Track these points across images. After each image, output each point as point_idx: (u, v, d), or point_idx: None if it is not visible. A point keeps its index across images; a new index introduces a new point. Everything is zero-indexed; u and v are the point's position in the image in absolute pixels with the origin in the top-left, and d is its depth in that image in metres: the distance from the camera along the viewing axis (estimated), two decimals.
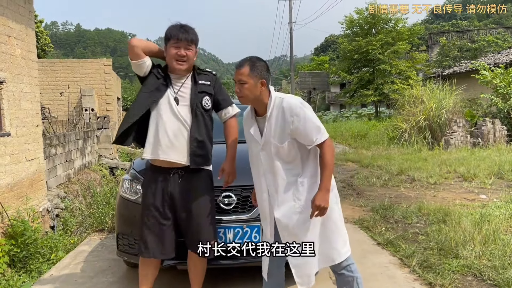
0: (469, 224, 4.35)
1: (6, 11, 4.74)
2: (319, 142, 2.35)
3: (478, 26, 45.81)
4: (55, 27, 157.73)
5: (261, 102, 2.41)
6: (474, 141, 12.22)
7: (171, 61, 2.65)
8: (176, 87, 2.73)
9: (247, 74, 2.35)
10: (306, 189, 2.39)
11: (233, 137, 2.84)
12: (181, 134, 2.67)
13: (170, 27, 2.66)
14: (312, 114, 2.36)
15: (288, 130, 2.34)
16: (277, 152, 2.39)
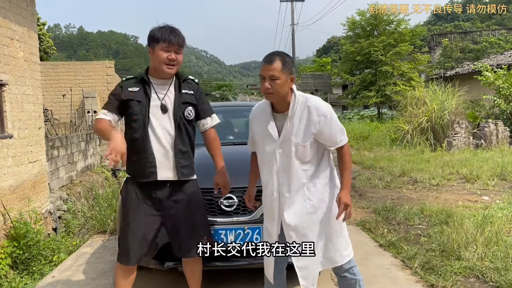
0: (471, 226, 4.33)
1: (8, 13, 4.76)
2: (343, 144, 2.38)
3: (481, 27, 45.72)
4: (58, 30, 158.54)
5: (285, 99, 2.35)
6: (476, 143, 12.18)
7: (160, 65, 2.54)
8: (161, 94, 2.62)
9: (280, 69, 2.25)
10: (318, 189, 2.38)
11: (219, 148, 2.80)
12: (168, 147, 2.59)
13: (159, 29, 2.55)
14: (335, 116, 2.38)
15: (313, 130, 2.31)
16: (297, 152, 2.34)
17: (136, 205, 2.60)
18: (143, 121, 2.55)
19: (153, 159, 2.55)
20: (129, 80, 2.67)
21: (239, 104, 8.87)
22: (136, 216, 2.58)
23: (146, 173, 2.56)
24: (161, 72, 2.58)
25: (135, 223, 2.57)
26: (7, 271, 4.16)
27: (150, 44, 2.57)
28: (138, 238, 2.56)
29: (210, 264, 3.02)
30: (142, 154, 2.55)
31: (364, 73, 28.08)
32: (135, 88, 2.60)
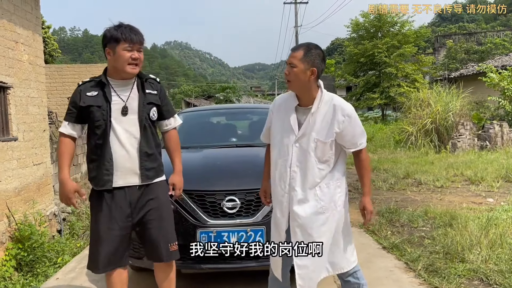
0: (475, 228, 4.31)
1: (13, 17, 4.80)
2: (362, 147, 2.38)
3: (485, 28, 45.57)
4: (63, 33, 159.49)
5: (307, 91, 2.33)
6: (481, 144, 12.13)
7: (123, 65, 2.44)
8: (124, 96, 2.51)
9: (300, 58, 2.27)
10: (330, 191, 2.37)
11: (178, 149, 2.74)
12: (133, 150, 2.50)
13: (117, 29, 2.43)
14: (359, 118, 2.39)
15: (336, 129, 2.30)
16: (316, 148, 2.32)
17: (105, 212, 2.48)
18: (104, 126, 2.45)
19: (111, 166, 2.45)
20: (87, 83, 2.55)
21: (242, 106, 8.89)
22: (104, 226, 2.47)
23: (102, 181, 2.46)
24: (124, 73, 2.48)
25: (104, 233, 2.47)
26: (11, 273, 4.19)
27: (109, 44, 2.45)
28: (106, 249, 2.47)
29: (217, 266, 3.02)
30: (100, 162, 2.47)
31: (368, 74, 28.02)
32: (93, 92, 2.49)
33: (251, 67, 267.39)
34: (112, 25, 2.47)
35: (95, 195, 2.53)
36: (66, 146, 2.52)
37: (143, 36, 2.50)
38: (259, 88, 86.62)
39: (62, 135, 2.54)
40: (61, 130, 2.54)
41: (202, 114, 5.28)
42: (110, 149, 2.45)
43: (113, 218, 2.47)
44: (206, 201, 3.07)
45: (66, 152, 2.51)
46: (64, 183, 2.45)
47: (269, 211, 3.03)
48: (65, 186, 2.45)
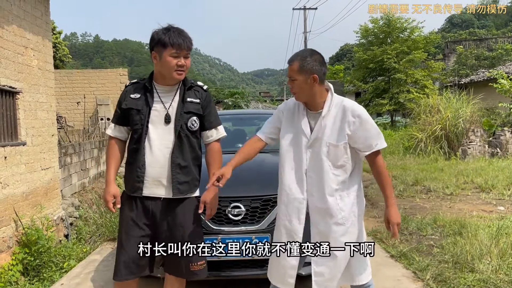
0: (486, 237, 4.23)
1: (23, 22, 4.85)
2: (379, 148, 2.29)
3: (496, 34, 45.19)
4: (75, 38, 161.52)
5: (315, 98, 2.29)
6: (492, 151, 11.97)
7: (170, 71, 2.36)
8: (167, 103, 2.43)
9: (297, 70, 2.23)
10: (351, 201, 2.31)
11: (218, 165, 2.52)
12: (164, 161, 2.41)
13: (165, 32, 2.34)
14: (372, 120, 2.31)
15: (347, 130, 2.26)
16: (329, 153, 2.27)
17: (130, 220, 2.43)
18: (141, 131, 2.40)
19: (142, 173, 2.39)
20: (135, 84, 2.53)
21: (250, 112, 8.88)
22: (125, 232, 2.43)
23: (133, 187, 2.43)
24: (170, 79, 2.41)
25: (124, 240, 2.43)
26: (18, 278, 4.20)
27: (155, 48, 2.37)
28: (125, 256, 2.41)
29: (218, 274, 2.99)
30: (133, 167, 2.43)
31: (377, 80, 27.91)
32: (137, 94, 2.45)
33: (260, 73, 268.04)
34: (160, 28, 2.37)
35: (125, 199, 2.51)
36: (112, 148, 2.54)
37: (191, 41, 2.40)
38: (268, 94, 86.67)
39: (109, 137, 2.56)
40: (107, 132, 2.57)
41: None
42: (143, 156, 2.39)
43: (135, 225, 2.42)
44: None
45: (111, 154, 2.53)
46: (107, 185, 2.48)
47: (274, 218, 3.00)
48: (106, 188, 2.48)
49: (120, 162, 2.57)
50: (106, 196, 2.46)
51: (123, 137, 2.56)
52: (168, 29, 2.35)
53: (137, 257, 2.40)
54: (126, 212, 2.46)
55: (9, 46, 4.53)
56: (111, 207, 2.46)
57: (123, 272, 2.41)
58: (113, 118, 2.56)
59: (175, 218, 2.43)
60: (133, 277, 2.44)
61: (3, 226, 4.31)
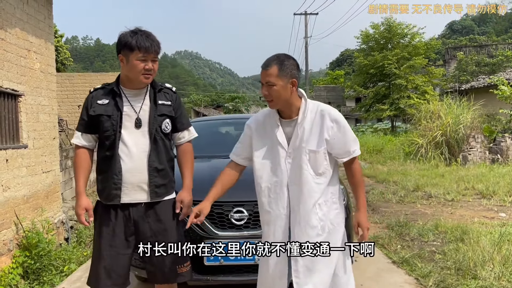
0: (488, 243, 4.22)
1: (26, 25, 4.86)
2: (356, 154, 2.20)
3: (497, 41, 45.32)
4: (76, 42, 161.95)
5: (291, 105, 2.17)
6: (493, 157, 11.97)
7: (137, 75, 2.29)
8: (137, 107, 2.37)
9: (276, 74, 2.09)
10: (329, 209, 2.20)
11: (191, 165, 2.53)
12: (142, 165, 2.34)
13: (133, 35, 2.26)
14: (348, 125, 2.24)
15: (326, 136, 2.15)
16: (310, 160, 2.15)
17: (108, 228, 2.35)
18: (113, 137, 2.32)
19: (119, 180, 2.31)
20: (99, 90, 2.41)
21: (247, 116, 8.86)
22: (106, 242, 2.34)
23: (110, 195, 2.33)
24: (137, 83, 2.34)
25: (105, 250, 2.34)
26: (18, 281, 4.18)
27: (122, 51, 2.29)
28: (107, 267, 2.33)
29: (219, 279, 2.99)
30: (108, 174, 2.33)
31: (377, 86, 27.99)
32: (104, 100, 2.35)
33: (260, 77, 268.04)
34: (128, 30, 2.31)
35: (101, 209, 2.40)
36: (79, 158, 2.40)
37: (159, 45, 2.33)
38: None
39: (76, 147, 2.43)
40: (73, 141, 2.43)
41: (210, 123, 5.27)
42: (119, 162, 2.31)
43: (116, 235, 2.34)
44: (213, 212, 3.04)
45: (80, 165, 2.40)
46: (78, 197, 2.37)
47: None
48: (77, 201, 2.37)
49: (89, 172, 2.46)
50: (77, 209, 2.35)
51: (91, 146, 2.44)
52: (135, 32, 2.28)
53: (119, 267, 2.34)
54: (104, 222, 2.36)
55: (12, 49, 4.54)
56: (83, 221, 2.34)
57: (106, 283, 2.32)
58: (78, 126, 2.43)
59: (157, 222, 2.39)
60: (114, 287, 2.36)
61: (4, 229, 4.30)
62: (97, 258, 2.37)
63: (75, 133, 2.43)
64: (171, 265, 2.40)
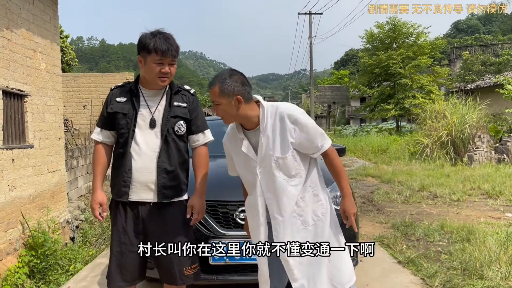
0: (494, 244, 4.19)
1: (32, 26, 4.88)
2: (326, 148, 2.18)
3: (502, 40, 45.05)
4: (81, 42, 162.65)
5: (245, 117, 2.16)
6: (499, 157, 11.90)
7: (154, 77, 2.31)
8: (153, 108, 2.39)
9: (218, 93, 2.10)
10: (308, 203, 2.19)
11: (204, 169, 2.51)
12: (152, 165, 2.36)
13: (151, 38, 2.26)
14: (311, 120, 2.18)
15: (290, 139, 2.13)
16: (279, 166, 2.15)
17: (119, 224, 2.39)
18: (127, 135, 2.36)
19: (129, 178, 2.34)
20: (119, 88, 2.47)
21: None
22: (117, 239, 2.39)
23: (119, 192, 2.37)
24: (153, 84, 2.37)
25: (115, 247, 2.39)
26: (24, 280, 4.20)
27: (141, 53, 2.31)
28: (117, 263, 2.38)
29: (224, 278, 2.99)
30: (119, 171, 2.37)
31: (382, 86, 27.89)
32: (122, 98, 2.40)
33: (264, 77, 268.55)
34: (148, 32, 2.31)
35: (113, 205, 2.45)
36: (97, 153, 2.45)
37: (177, 49, 2.33)
38: (273, 98, 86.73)
39: (95, 142, 2.48)
40: (92, 137, 2.48)
41: (216, 123, 5.27)
42: (130, 160, 2.34)
43: (126, 232, 2.38)
44: (218, 212, 3.05)
45: (97, 160, 2.45)
46: (93, 192, 2.45)
47: None
48: (92, 195, 2.43)
49: (106, 168, 2.49)
50: (92, 204, 2.42)
51: (110, 142, 2.46)
52: (154, 34, 2.27)
53: (129, 264, 2.38)
54: (116, 218, 2.42)
55: (18, 50, 4.56)
56: (98, 215, 2.40)
57: (116, 279, 2.38)
58: (98, 122, 2.48)
59: (165, 223, 2.39)
60: (127, 284, 2.41)
61: (10, 228, 4.32)
62: (110, 254, 2.43)
63: (95, 128, 2.48)
64: (178, 267, 2.39)
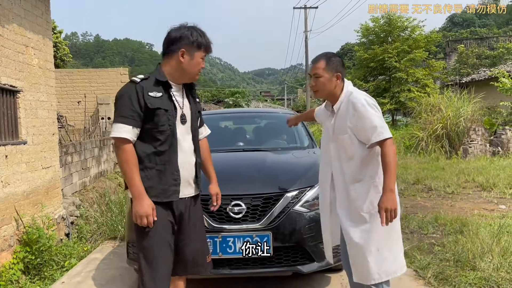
0: (487, 235, 4.23)
1: (23, 21, 4.85)
2: (375, 141, 2.34)
3: (497, 33, 45.12)
4: (75, 38, 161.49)
5: (335, 95, 2.52)
6: (493, 150, 11.96)
7: (196, 73, 2.34)
8: (180, 103, 2.36)
9: (323, 68, 2.46)
10: (365, 190, 2.42)
11: (211, 159, 2.68)
12: (192, 159, 2.40)
13: (202, 35, 2.31)
14: (372, 112, 2.37)
15: (348, 124, 2.42)
16: (341, 145, 2.47)
17: (161, 226, 2.26)
18: (171, 132, 2.26)
19: (178, 176, 2.29)
20: (145, 80, 2.27)
21: (249, 110, 8.87)
22: (160, 241, 2.25)
23: (168, 191, 2.26)
24: (189, 79, 2.37)
25: (161, 251, 2.26)
26: (19, 276, 4.20)
27: (187, 47, 2.27)
28: (166, 267, 2.28)
29: (220, 272, 3.00)
30: (165, 170, 2.26)
31: (378, 79, 27.88)
32: (156, 93, 2.24)
33: (260, 72, 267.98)
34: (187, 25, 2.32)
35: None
36: (132, 154, 2.19)
37: None
38: (269, 93, 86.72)
39: (125, 142, 2.18)
40: (121, 135, 2.17)
41: (209, 118, 5.26)
42: (177, 158, 2.29)
43: (168, 232, 2.30)
44: None
45: (134, 162, 2.19)
46: (142, 197, 2.17)
47: (275, 216, 3.01)
48: (144, 201, 2.18)
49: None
50: (147, 209, 2.17)
51: (134, 141, 2.27)
52: (203, 33, 2.34)
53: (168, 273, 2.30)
54: (156, 223, 2.24)
55: (9, 45, 4.52)
56: (152, 221, 2.19)
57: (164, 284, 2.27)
58: (126, 120, 2.19)
59: (195, 215, 2.46)
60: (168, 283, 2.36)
61: (4, 225, 4.31)
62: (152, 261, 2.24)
63: (121, 126, 2.18)
64: (202, 256, 2.47)
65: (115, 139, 2.20)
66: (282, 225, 2.99)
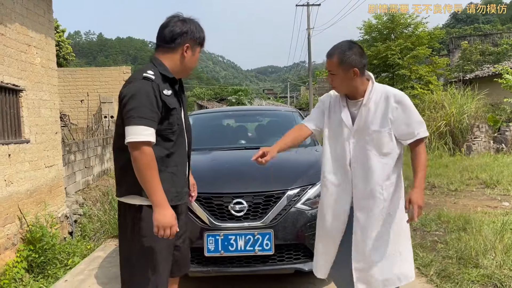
0: (490, 232, 4.22)
1: (26, 20, 4.86)
2: (421, 136, 2.23)
3: (501, 29, 44.85)
4: (78, 37, 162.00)
5: (356, 89, 2.26)
6: (497, 147, 11.91)
7: (192, 68, 2.24)
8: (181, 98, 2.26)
9: (336, 65, 2.20)
10: (393, 190, 2.27)
11: None
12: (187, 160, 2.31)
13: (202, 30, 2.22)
14: (414, 107, 2.27)
15: (390, 116, 2.21)
16: (373, 140, 2.22)
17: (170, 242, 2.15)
18: (179, 132, 2.15)
19: (187, 177, 2.28)
20: (157, 78, 2.07)
21: (252, 108, 8.87)
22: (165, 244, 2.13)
23: (181, 194, 2.18)
24: (186, 74, 2.24)
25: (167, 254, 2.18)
26: (22, 275, 4.22)
27: (191, 42, 2.16)
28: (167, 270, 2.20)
29: (220, 270, 3.00)
30: (177, 172, 2.15)
31: (381, 77, 27.77)
32: (167, 91, 2.09)
33: (263, 70, 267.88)
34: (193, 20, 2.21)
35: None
36: (154, 159, 1.98)
37: None
38: (272, 91, 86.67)
39: (147, 145, 1.96)
40: (148, 139, 1.96)
41: (211, 116, 5.27)
42: (187, 159, 2.24)
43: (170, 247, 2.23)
44: (213, 204, 3.06)
45: (155, 167, 1.99)
46: (165, 206, 1.99)
47: (277, 214, 3.01)
48: (167, 210, 2.00)
49: None
50: (171, 219, 2.00)
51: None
52: (202, 28, 2.23)
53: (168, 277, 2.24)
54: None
55: (12, 44, 4.54)
56: (175, 232, 2.05)
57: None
58: (148, 122, 1.97)
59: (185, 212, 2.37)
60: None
61: (8, 223, 4.33)
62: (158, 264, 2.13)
63: (144, 129, 1.96)
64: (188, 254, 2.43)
65: (137, 143, 1.94)
66: (284, 223, 2.99)
